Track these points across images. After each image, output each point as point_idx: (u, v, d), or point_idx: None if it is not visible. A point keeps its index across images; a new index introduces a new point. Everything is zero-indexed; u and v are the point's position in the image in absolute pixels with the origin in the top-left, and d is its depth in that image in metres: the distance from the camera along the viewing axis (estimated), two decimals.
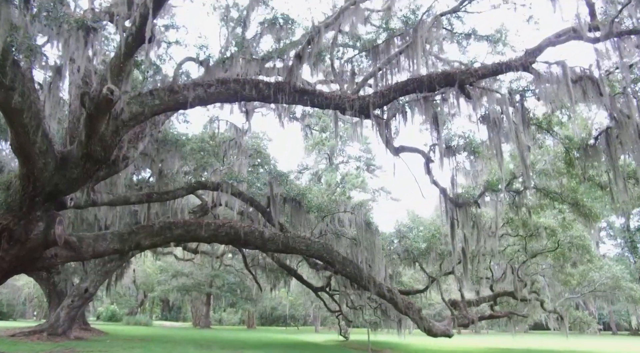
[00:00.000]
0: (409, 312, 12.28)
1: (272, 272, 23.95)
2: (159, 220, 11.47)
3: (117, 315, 52.04)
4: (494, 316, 15.98)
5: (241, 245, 12.01)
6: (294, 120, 21.84)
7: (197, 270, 40.35)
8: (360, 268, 12.04)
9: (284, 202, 12.98)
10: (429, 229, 15.89)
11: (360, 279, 11.96)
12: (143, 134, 12.41)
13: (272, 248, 11.53)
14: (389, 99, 10.29)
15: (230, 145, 19.57)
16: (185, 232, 11.35)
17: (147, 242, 11.16)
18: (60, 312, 18.24)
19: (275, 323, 56.27)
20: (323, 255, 11.72)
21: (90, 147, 8.85)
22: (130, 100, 9.29)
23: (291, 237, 11.62)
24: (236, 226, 11.50)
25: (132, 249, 11.11)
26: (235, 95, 9.95)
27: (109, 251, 10.82)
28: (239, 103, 11.82)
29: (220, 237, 11.43)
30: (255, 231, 11.51)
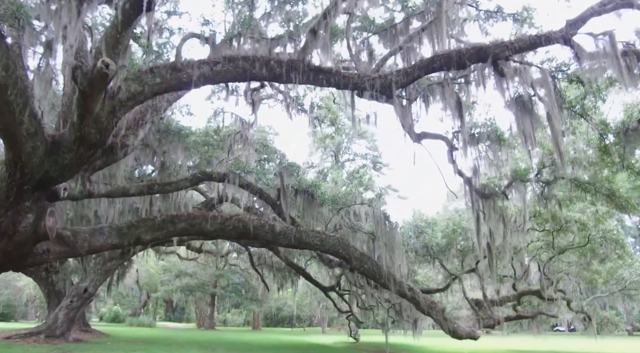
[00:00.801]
0: (432, 312, 11.33)
1: (280, 271, 23.04)
2: (160, 214, 10.56)
3: (120, 316, 51.18)
4: (521, 316, 15.02)
5: (250, 239, 11.09)
6: (302, 112, 21.01)
7: (201, 270, 39.47)
8: (379, 265, 11.09)
9: (295, 194, 12.05)
10: (447, 224, 14.94)
11: (379, 277, 11.02)
12: (144, 120, 11.52)
13: (283, 243, 10.60)
14: (413, 77, 9.35)
15: (236, 138, 18.69)
16: (190, 226, 10.45)
17: (148, 237, 10.25)
18: (59, 313, 17.36)
19: (280, 324, 55.32)
20: (339, 250, 10.78)
21: (84, 129, 7.95)
22: (128, 78, 8.40)
23: (304, 231, 10.69)
24: (245, 219, 10.58)
25: (131, 244, 10.20)
26: (244, 74, 9.02)
27: (107, 246, 9.92)
28: (247, 83, 10.90)
29: (227, 232, 10.51)
30: (265, 225, 10.59)
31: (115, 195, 10.91)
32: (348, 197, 12.07)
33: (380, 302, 19.38)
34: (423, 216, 18.60)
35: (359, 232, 12.41)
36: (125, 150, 10.68)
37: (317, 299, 39.08)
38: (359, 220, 12.58)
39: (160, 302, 61.65)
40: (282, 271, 23.00)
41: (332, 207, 12.05)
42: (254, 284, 38.03)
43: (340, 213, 12.17)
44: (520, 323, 16.49)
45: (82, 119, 7.89)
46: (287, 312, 50.08)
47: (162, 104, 11.98)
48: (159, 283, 44.73)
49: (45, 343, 15.93)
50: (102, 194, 10.53)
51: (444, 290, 15.43)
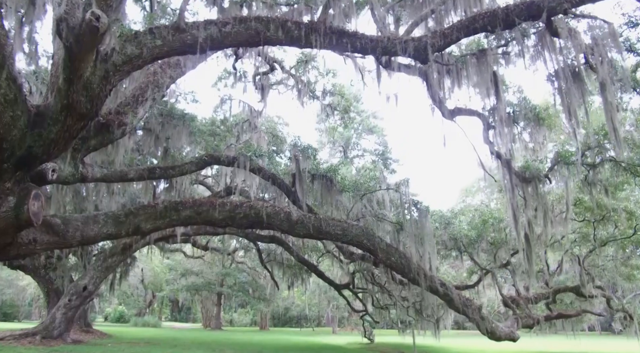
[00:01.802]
0: (468, 311, 10.09)
1: (290, 268, 21.84)
2: (162, 200, 9.40)
3: (126, 316, 50.25)
4: (563, 315, 13.75)
5: (264, 228, 9.88)
6: (314, 99, 19.83)
7: (207, 269, 38.39)
8: (408, 258, 9.87)
9: (312, 180, 10.85)
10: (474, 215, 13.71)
11: (407, 271, 9.79)
12: (144, 97, 10.35)
13: (301, 233, 9.40)
14: (451, 39, 8.12)
15: (244, 127, 17.54)
16: (195, 214, 9.27)
17: (148, 226, 9.08)
18: (56, 313, 16.27)
19: (287, 324, 54.11)
20: (363, 241, 9.57)
21: (72, 96, 6.77)
22: (124, 39, 7.24)
23: (324, 220, 9.49)
24: (257, 206, 9.40)
25: (130, 234, 9.04)
26: (257, 36, 7.82)
27: (102, 236, 8.76)
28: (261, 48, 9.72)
29: (237, 220, 9.33)
30: (280, 212, 9.39)
31: (112, 180, 9.76)
32: (371, 183, 10.86)
33: (399, 301, 18.17)
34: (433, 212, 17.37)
35: (384, 221, 11.19)
36: (123, 129, 9.53)
37: (327, 298, 37.85)
38: (383, 208, 11.36)
39: (166, 301, 60.67)
40: (292, 268, 21.81)
41: (353, 194, 10.85)
42: (261, 283, 36.90)
43: (363, 201, 10.94)
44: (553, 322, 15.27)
45: (69, 84, 6.72)
46: (296, 311, 48.84)
47: (164, 80, 10.83)
48: (165, 283, 43.70)
49: (41, 345, 14.84)
50: (98, 178, 9.38)
51: (475, 286, 14.20)
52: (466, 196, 39.57)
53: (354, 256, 12.41)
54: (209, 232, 19.41)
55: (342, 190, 10.71)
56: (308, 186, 10.83)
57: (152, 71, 11.04)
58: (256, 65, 17.97)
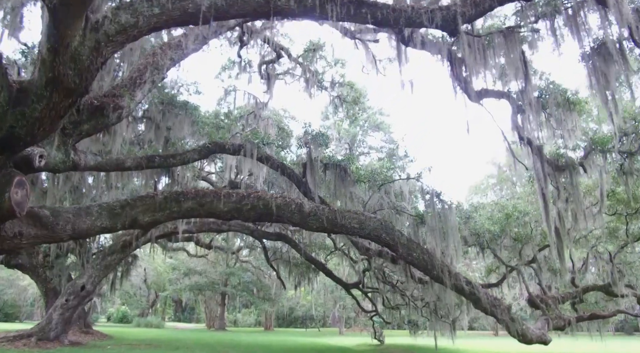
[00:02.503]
0: (497, 311, 9.25)
1: (297, 267, 21.01)
2: (162, 191, 8.58)
3: (128, 317, 49.53)
4: (596, 316, 12.87)
5: (273, 221, 9.06)
6: (322, 89, 18.99)
7: (210, 268, 37.60)
8: (431, 254, 9.03)
9: (324, 170, 10.01)
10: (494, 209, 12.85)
11: (430, 268, 8.95)
12: (142, 79, 9.56)
13: (313, 226, 8.57)
14: (484, 8, 7.29)
15: (249, 121, 16.73)
16: (198, 205, 8.46)
17: (146, 218, 8.28)
18: (53, 313, 15.51)
19: (292, 324, 53.26)
20: (381, 235, 8.73)
21: (58, 69, 5.96)
22: (118, 6, 6.44)
23: (339, 212, 8.66)
24: (265, 197, 8.57)
25: (126, 227, 8.23)
26: (267, 6, 6.99)
27: (96, 229, 7.96)
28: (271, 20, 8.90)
29: (244, 212, 8.51)
30: (291, 203, 8.56)
31: (107, 169, 8.95)
32: (388, 173, 10.02)
33: (412, 300, 17.32)
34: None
35: (402, 214, 10.34)
36: (119, 113, 8.73)
37: (334, 298, 37.05)
38: (402, 200, 10.51)
39: (169, 301, 59.96)
40: (299, 267, 20.98)
41: (369, 185, 10.02)
42: (266, 282, 36.11)
43: (380, 192, 10.09)
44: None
45: (55, 54, 5.91)
46: (301, 311, 47.97)
47: (164, 62, 10.02)
48: (167, 282, 42.94)
49: (37, 347, 14.07)
50: (91, 166, 8.57)
51: (498, 285, 13.34)
52: (475, 193, 38.65)
53: (370, 252, 11.59)
54: (212, 229, 18.62)
55: (358, 180, 9.87)
56: (320, 177, 10.00)
57: (151, 52, 10.26)
58: (262, 54, 17.18)
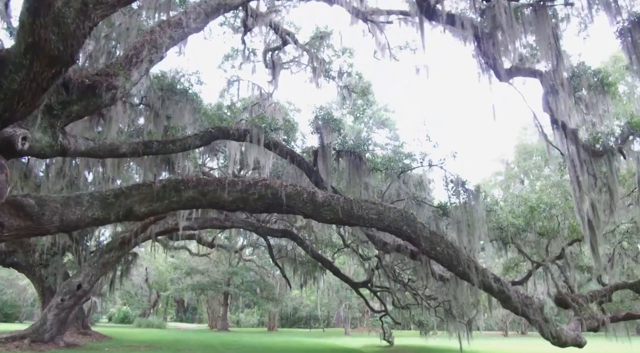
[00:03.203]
0: (528, 311, 8.43)
1: (303, 265, 20.20)
2: (160, 179, 7.80)
3: (130, 317, 48.78)
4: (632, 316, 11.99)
5: (283, 212, 8.24)
6: (329, 79, 18.17)
7: (213, 267, 36.80)
8: (457, 248, 8.21)
9: (336, 158, 9.20)
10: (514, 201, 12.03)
11: (456, 263, 8.13)
12: (139, 58, 8.72)
13: (327, 217, 7.76)
14: None
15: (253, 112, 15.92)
16: (200, 195, 7.66)
17: (143, 209, 7.49)
18: (47, 314, 14.74)
19: (296, 325, 52.43)
20: (402, 227, 7.92)
21: (39, 33, 5.16)
22: None
23: (356, 201, 7.84)
24: (274, 185, 7.77)
25: (120, 218, 7.43)
26: None
27: (86, 220, 7.17)
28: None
29: (250, 202, 7.71)
30: (302, 192, 7.75)
31: (99, 154, 8.14)
32: (406, 161, 9.20)
33: (425, 300, 16.51)
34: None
35: (422, 205, 9.51)
36: (113, 93, 7.93)
37: (339, 298, 36.22)
38: (421, 190, 9.69)
39: (171, 302, 59.22)
40: (305, 265, 20.17)
41: (386, 174, 9.21)
42: (270, 282, 35.31)
43: (399, 181, 9.27)
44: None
45: (35, 16, 5.13)
46: (305, 311, 47.11)
47: (163, 41, 9.21)
48: (169, 282, 42.16)
49: (30, 350, 13.31)
50: (82, 152, 7.77)
51: (523, 282, 12.49)
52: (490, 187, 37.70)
53: (388, 247, 10.75)
54: (215, 225, 17.84)
55: (373, 169, 9.06)
56: (332, 165, 9.19)
57: (149, 30, 9.47)
58: (267, 42, 16.39)
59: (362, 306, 39.26)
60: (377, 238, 10.50)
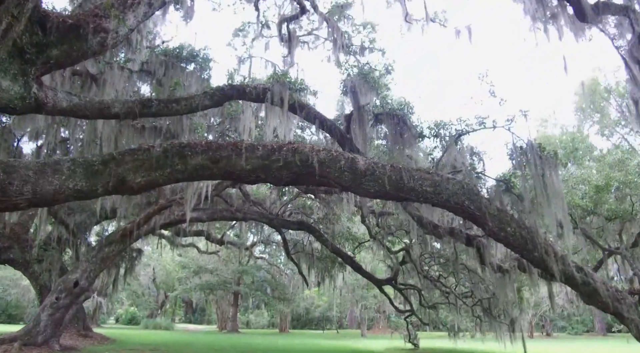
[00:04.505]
0: (621, 308, 6.76)
1: (321, 261, 18.59)
2: (161, 143, 6.22)
3: (137, 318, 47.41)
4: None
5: (315, 183, 6.63)
6: (349, 54, 16.56)
7: (222, 266, 35.28)
8: (531, 229, 6.55)
9: (374, 123, 7.59)
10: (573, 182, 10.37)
11: (531, 247, 6.48)
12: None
13: (371, 189, 6.15)
14: None
15: None
16: (211, 162, 6.10)
17: (138, 179, 5.93)
18: (41, 314, 13.28)
19: (307, 326, 50.76)
20: (464, 203, 6.29)
21: None
22: None
23: (406, 170, 6.24)
24: (304, 149, 6.18)
25: (110, 190, 5.87)
26: None
27: (67, 192, 5.63)
28: None
29: (274, 171, 6.12)
30: (339, 158, 6.16)
31: (85, 114, 6.57)
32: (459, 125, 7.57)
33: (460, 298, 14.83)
34: None
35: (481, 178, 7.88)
36: (103, 39, 6.39)
37: (355, 297, 34.53)
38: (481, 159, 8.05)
39: (179, 302, 57.86)
40: (323, 261, 18.55)
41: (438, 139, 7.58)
42: (282, 281, 33.72)
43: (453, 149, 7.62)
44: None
45: None
46: (318, 312, 45.38)
47: None
48: (177, 282, 40.73)
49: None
50: (64, 109, 6.21)
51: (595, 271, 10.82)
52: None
53: (439, 230, 9.05)
54: (225, 217, 16.31)
55: (420, 135, 7.45)
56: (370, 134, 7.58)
57: None
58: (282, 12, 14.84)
59: (379, 306, 37.55)
60: (426, 220, 8.81)
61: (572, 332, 40.91)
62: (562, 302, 37.91)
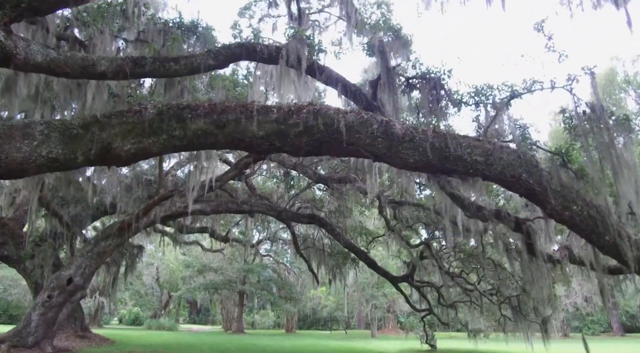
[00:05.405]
0: None
1: (332, 257, 17.50)
2: (155, 104, 5.17)
3: (141, 319, 46.43)
4: None
5: (341, 153, 5.53)
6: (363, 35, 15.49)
7: (227, 265, 34.24)
8: (600, 208, 5.45)
9: (405, 88, 6.50)
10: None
11: (601, 230, 5.39)
12: None
13: (410, 159, 5.07)
14: None
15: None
16: (215, 127, 5.04)
17: (127, 146, 4.87)
18: (32, 314, 12.30)
19: (313, 326, 49.61)
20: (520, 176, 5.21)
21: None
22: None
23: (452, 136, 5.16)
24: (328, 112, 5.12)
25: (92, 160, 4.81)
26: None
27: (39, 161, 4.58)
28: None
29: (292, 137, 5.06)
30: (371, 121, 5.10)
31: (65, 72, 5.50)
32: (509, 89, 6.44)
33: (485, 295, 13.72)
34: None
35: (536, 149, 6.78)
36: None
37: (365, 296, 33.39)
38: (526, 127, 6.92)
39: (183, 302, 56.88)
40: (334, 257, 17.47)
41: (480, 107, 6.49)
42: (289, 280, 32.65)
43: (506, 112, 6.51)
44: None
45: None
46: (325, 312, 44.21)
47: None
48: (180, 281, 39.72)
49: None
50: (39, 64, 5.14)
51: None
52: None
53: (484, 212, 7.89)
54: (230, 209, 15.26)
55: (461, 102, 6.37)
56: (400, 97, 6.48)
57: None
58: None
59: (389, 306, 36.41)
60: (468, 202, 7.69)
61: (588, 332, 39.58)
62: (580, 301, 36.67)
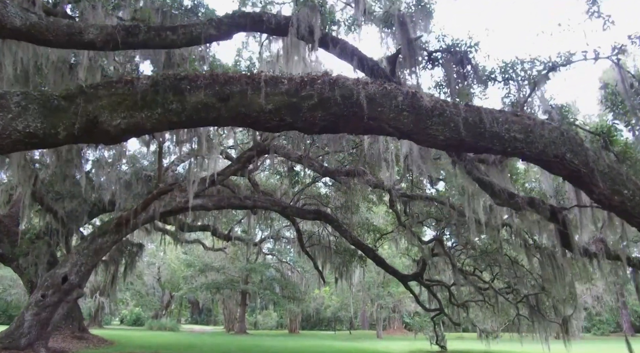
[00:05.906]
0: None
1: (338, 255, 16.87)
2: (148, 75, 4.53)
3: (142, 319, 45.86)
4: None
5: (361, 129, 4.86)
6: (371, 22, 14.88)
7: (229, 264, 33.61)
8: None
9: (428, 63, 5.87)
10: None
11: None
12: None
13: (440, 136, 4.46)
14: None
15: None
16: (218, 100, 4.42)
17: (117, 121, 4.25)
18: (25, 314, 11.69)
19: (317, 327, 48.93)
20: (564, 155, 4.59)
21: None
22: None
23: (486, 111, 4.53)
24: (346, 82, 4.49)
25: (77, 135, 4.19)
26: None
27: (14, 137, 3.95)
28: None
29: (304, 111, 4.44)
30: (395, 93, 4.49)
31: (48, 39, 4.88)
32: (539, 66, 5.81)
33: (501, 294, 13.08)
34: None
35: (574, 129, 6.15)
36: None
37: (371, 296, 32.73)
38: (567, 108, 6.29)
39: (185, 302, 56.29)
40: (341, 255, 16.84)
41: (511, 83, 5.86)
42: (292, 279, 32.02)
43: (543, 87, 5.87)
44: None
45: None
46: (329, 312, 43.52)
47: None
48: (182, 281, 39.12)
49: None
50: (16, 29, 4.48)
51: None
52: None
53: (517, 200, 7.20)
54: (233, 204, 14.63)
55: (489, 78, 5.74)
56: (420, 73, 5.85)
57: None
58: None
59: (394, 305, 35.75)
60: (498, 188, 6.99)
61: (597, 332, 38.87)
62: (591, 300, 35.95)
